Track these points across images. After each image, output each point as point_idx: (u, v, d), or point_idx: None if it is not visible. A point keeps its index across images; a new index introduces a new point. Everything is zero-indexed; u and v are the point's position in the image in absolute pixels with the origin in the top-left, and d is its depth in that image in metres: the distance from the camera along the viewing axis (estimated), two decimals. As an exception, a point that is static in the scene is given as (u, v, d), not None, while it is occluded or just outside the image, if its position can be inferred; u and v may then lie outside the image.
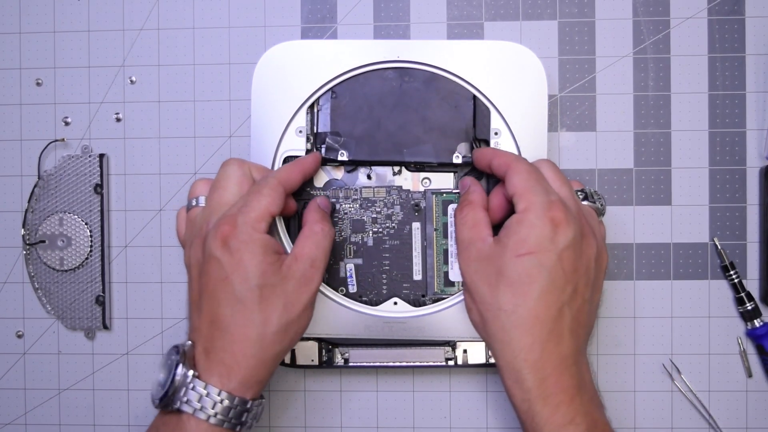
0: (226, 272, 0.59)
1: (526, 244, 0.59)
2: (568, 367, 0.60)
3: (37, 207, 0.75)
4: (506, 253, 0.60)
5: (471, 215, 0.65)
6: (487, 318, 0.62)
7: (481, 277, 0.62)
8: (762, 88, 0.74)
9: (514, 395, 0.61)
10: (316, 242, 0.64)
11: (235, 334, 0.60)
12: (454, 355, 0.71)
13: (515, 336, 0.60)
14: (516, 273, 0.59)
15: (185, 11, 0.76)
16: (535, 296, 0.59)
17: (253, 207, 0.61)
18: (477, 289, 0.63)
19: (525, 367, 0.59)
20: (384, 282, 0.71)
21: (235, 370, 0.60)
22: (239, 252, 0.59)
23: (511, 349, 0.60)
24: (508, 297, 0.60)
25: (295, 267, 0.62)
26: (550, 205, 0.60)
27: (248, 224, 0.60)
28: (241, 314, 0.60)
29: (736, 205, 0.74)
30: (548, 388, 0.59)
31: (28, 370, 0.77)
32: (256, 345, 0.60)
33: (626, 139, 0.74)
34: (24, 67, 0.77)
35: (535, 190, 0.61)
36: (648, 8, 0.74)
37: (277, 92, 0.69)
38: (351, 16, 0.75)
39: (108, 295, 0.76)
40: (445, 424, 0.75)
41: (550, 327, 0.59)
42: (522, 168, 0.63)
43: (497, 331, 0.61)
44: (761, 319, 0.73)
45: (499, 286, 0.60)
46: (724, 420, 0.74)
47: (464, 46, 0.69)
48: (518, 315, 0.60)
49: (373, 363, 0.72)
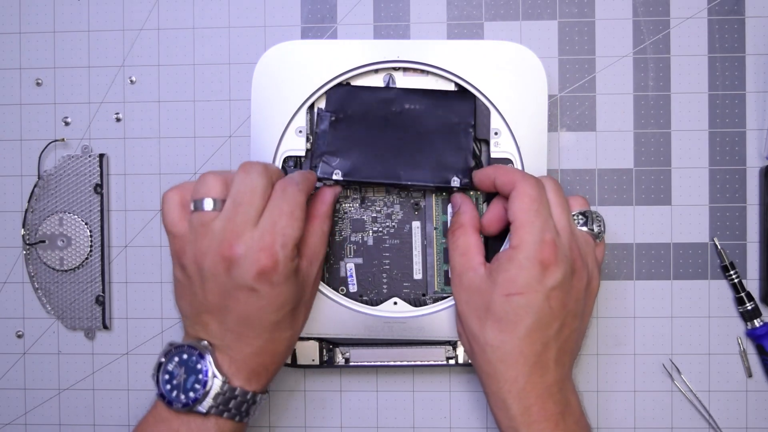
0: (265, 302, 0.60)
1: (515, 284, 0.60)
2: (552, 395, 0.62)
3: (37, 207, 0.75)
4: (495, 290, 0.61)
5: (462, 240, 0.66)
6: (475, 349, 0.64)
7: (470, 308, 0.64)
8: (762, 88, 0.74)
9: (501, 422, 0.63)
10: (323, 240, 0.65)
11: (267, 350, 0.62)
12: (455, 354, 0.71)
13: (500, 369, 0.61)
14: (503, 311, 0.61)
15: (185, 11, 0.76)
16: (521, 335, 0.61)
17: (289, 237, 0.59)
18: (466, 320, 0.64)
19: (509, 397, 0.61)
20: (384, 281, 0.71)
21: (263, 375, 0.63)
22: (280, 286, 0.59)
23: (495, 380, 0.62)
24: (495, 333, 0.61)
25: (310, 272, 0.64)
26: (542, 246, 0.60)
27: (288, 258, 0.59)
28: (275, 335, 0.62)
29: (736, 205, 0.74)
30: (532, 416, 0.61)
31: (28, 370, 0.77)
32: (282, 354, 0.64)
33: (626, 139, 0.74)
34: (24, 67, 0.77)
35: (531, 226, 0.61)
36: (648, 8, 0.74)
37: (277, 92, 0.69)
38: (351, 16, 0.75)
39: (108, 295, 0.76)
40: (445, 424, 0.75)
41: (533, 360, 0.61)
42: (526, 193, 0.62)
43: (483, 363, 0.63)
44: (761, 319, 0.73)
45: (487, 321, 0.62)
46: (724, 420, 0.74)
47: (464, 46, 0.69)
48: (503, 350, 0.61)
49: (374, 362, 0.72)
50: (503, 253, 0.62)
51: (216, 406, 0.60)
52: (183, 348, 0.61)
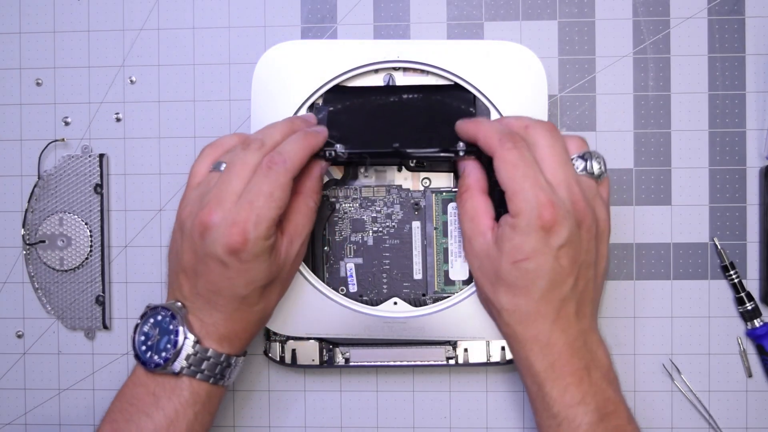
0: (232, 275, 0.60)
1: (521, 251, 0.59)
2: (576, 350, 0.61)
3: (37, 207, 0.75)
4: (503, 258, 0.60)
5: (469, 204, 0.64)
6: (492, 313, 0.64)
7: (482, 274, 0.63)
8: (762, 88, 0.74)
9: (525, 379, 0.62)
10: (308, 218, 0.65)
11: (237, 318, 0.63)
12: (455, 354, 0.71)
13: (519, 330, 0.61)
14: (513, 277, 0.60)
15: (185, 11, 0.76)
16: (536, 297, 0.60)
17: (263, 217, 0.58)
18: (480, 286, 0.64)
19: (531, 355, 0.61)
20: (384, 281, 0.71)
21: (234, 342, 0.64)
22: (249, 263, 0.59)
23: (516, 341, 0.61)
24: (509, 297, 0.61)
25: (292, 250, 0.63)
26: (540, 210, 0.58)
27: (259, 238, 0.58)
28: (244, 307, 0.62)
29: (736, 205, 0.74)
30: (556, 371, 0.60)
31: (28, 370, 0.77)
32: (254, 325, 0.65)
33: (626, 139, 0.74)
34: (24, 67, 0.77)
35: (523, 193, 0.58)
36: (648, 8, 0.74)
37: (277, 92, 0.69)
38: (351, 16, 0.75)
39: (108, 295, 0.76)
40: (445, 424, 0.75)
41: (553, 318, 0.60)
42: (506, 159, 0.59)
43: (502, 326, 0.63)
44: (761, 319, 0.73)
45: (499, 287, 0.61)
46: (724, 420, 0.74)
47: (464, 46, 0.69)
48: (520, 313, 0.60)
49: (374, 363, 0.72)
50: (505, 219, 0.60)
51: (188, 366, 0.61)
52: (157, 309, 0.62)
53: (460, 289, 0.70)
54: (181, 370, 0.61)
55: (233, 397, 0.76)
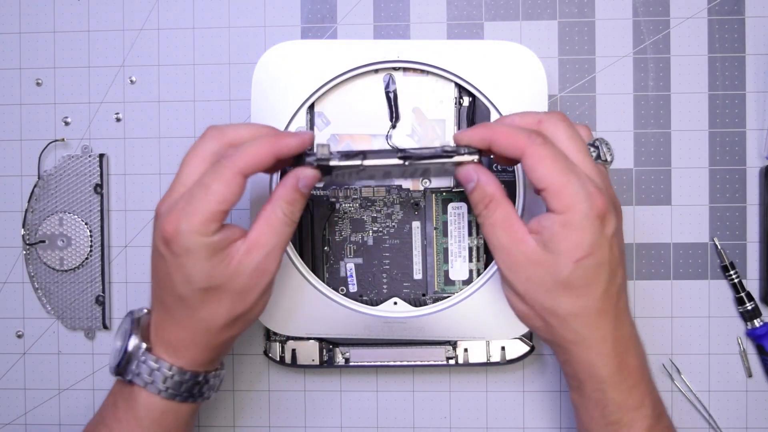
0: (169, 270, 0.57)
1: (582, 248, 0.55)
2: (632, 347, 0.59)
3: (37, 207, 0.75)
4: (561, 259, 0.55)
5: (500, 213, 0.58)
6: (553, 323, 0.58)
7: (535, 284, 0.58)
8: (762, 88, 0.74)
9: (586, 387, 0.60)
10: (275, 228, 0.58)
11: (181, 324, 0.59)
12: (455, 354, 0.71)
13: (587, 335, 0.58)
14: (575, 278, 0.56)
15: (185, 11, 0.76)
16: (598, 295, 0.57)
17: (198, 209, 0.55)
18: (534, 297, 0.58)
19: (599, 360, 0.58)
20: (384, 281, 0.71)
21: (182, 352, 0.60)
22: (180, 257, 0.56)
23: (584, 347, 0.58)
24: (572, 301, 0.57)
25: (248, 261, 0.57)
26: (592, 201, 0.55)
27: (191, 231, 0.55)
28: (186, 310, 0.58)
29: (736, 205, 0.74)
30: (622, 373, 0.58)
31: (28, 370, 0.77)
32: (201, 335, 0.60)
33: (626, 139, 0.74)
34: (24, 67, 0.77)
35: (570, 186, 0.55)
36: (648, 8, 0.74)
37: (277, 92, 0.69)
38: (351, 16, 0.75)
39: (108, 295, 0.76)
40: (445, 424, 0.75)
41: (613, 314, 0.58)
42: (543, 156, 0.56)
43: (566, 333, 0.58)
44: (761, 319, 0.73)
45: (559, 293, 0.57)
46: (724, 420, 0.74)
47: (464, 46, 0.69)
48: (586, 316, 0.57)
49: (374, 363, 0.72)
50: (550, 218, 0.56)
51: (138, 374, 0.59)
52: (129, 313, 0.62)
53: (460, 289, 0.70)
54: (133, 378, 0.59)
55: (233, 397, 0.76)
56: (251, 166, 0.56)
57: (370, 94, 0.70)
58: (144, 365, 0.59)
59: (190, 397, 0.61)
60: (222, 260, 0.56)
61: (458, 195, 0.71)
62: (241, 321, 0.60)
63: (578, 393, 0.61)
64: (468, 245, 0.71)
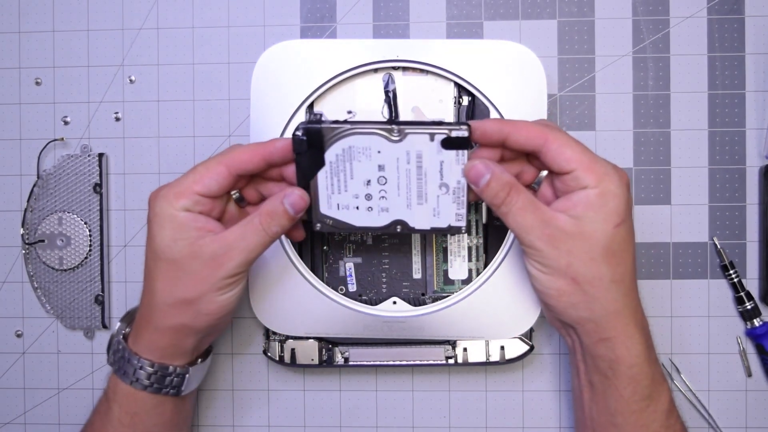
0: (147, 234, 0.63)
1: (619, 214, 0.59)
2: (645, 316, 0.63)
3: (37, 206, 0.75)
4: (601, 227, 0.59)
5: (524, 197, 0.60)
6: (597, 294, 0.60)
7: (577, 255, 0.59)
8: (762, 88, 0.74)
9: (620, 366, 0.61)
10: (246, 233, 0.61)
11: (142, 301, 0.65)
12: (454, 354, 0.71)
13: (627, 303, 0.61)
14: (617, 243, 0.59)
15: (185, 11, 0.76)
16: (631, 261, 0.61)
17: (179, 182, 0.61)
18: (577, 269, 0.59)
19: (637, 333, 0.61)
20: (384, 280, 0.71)
21: (141, 335, 0.64)
22: (151, 222, 0.61)
23: (624, 315, 0.61)
24: (614, 267, 0.60)
25: (208, 247, 0.60)
26: (619, 171, 0.60)
27: (166, 198, 0.61)
28: (146, 282, 0.64)
29: (736, 205, 0.74)
30: (651, 347, 0.62)
31: (27, 369, 0.77)
32: (153, 313, 0.63)
33: (626, 139, 0.74)
34: (23, 66, 0.77)
35: (598, 161, 0.60)
36: (647, 7, 0.74)
37: (277, 91, 0.69)
38: (350, 15, 0.75)
39: (107, 294, 0.76)
40: (445, 424, 0.75)
41: (633, 286, 0.62)
42: (565, 139, 0.60)
43: (608, 303, 0.60)
44: (761, 319, 0.73)
45: (602, 260, 0.59)
46: (724, 420, 0.74)
47: (464, 45, 0.69)
48: (625, 281, 0.61)
49: (374, 362, 0.72)
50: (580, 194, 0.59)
51: (115, 362, 0.65)
52: None
53: (460, 288, 0.70)
54: (109, 357, 0.66)
55: (232, 397, 0.76)
56: (237, 162, 0.61)
57: (370, 93, 0.70)
58: (117, 350, 0.65)
59: (148, 387, 0.64)
60: (185, 238, 0.61)
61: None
62: (191, 310, 0.62)
63: (605, 376, 0.62)
64: (467, 245, 0.71)
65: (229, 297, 0.63)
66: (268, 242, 0.61)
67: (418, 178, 0.61)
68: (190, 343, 0.65)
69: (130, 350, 0.64)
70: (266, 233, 0.61)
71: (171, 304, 0.62)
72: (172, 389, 0.65)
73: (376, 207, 0.62)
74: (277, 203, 0.61)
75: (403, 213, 0.62)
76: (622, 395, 0.61)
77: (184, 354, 0.65)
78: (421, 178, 0.61)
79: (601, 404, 0.63)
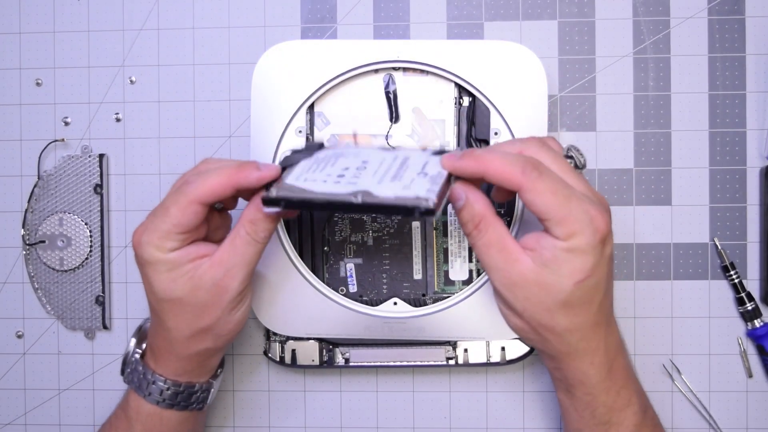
0: (143, 279, 0.61)
1: (583, 270, 0.55)
2: (621, 351, 0.62)
3: (37, 207, 0.75)
4: (562, 281, 0.55)
5: (491, 231, 0.57)
6: (549, 338, 0.59)
7: (533, 303, 0.57)
8: (762, 88, 0.74)
9: (576, 391, 0.61)
10: (237, 248, 0.59)
11: (157, 332, 0.63)
12: (454, 354, 0.71)
13: (581, 347, 0.59)
14: (576, 297, 0.56)
15: (185, 11, 0.76)
16: (594, 310, 0.57)
17: (156, 227, 0.59)
18: (532, 315, 0.57)
19: (591, 369, 0.59)
20: (384, 281, 0.71)
21: (161, 360, 0.64)
22: (144, 267, 0.60)
23: (576, 357, 0.59)
24: (571, 318, 0.57)
25: (208, 275, 0.59)
26: (595, 224, 0.55)
27: (150, 244, 0.59)
28: (156, 318, 0.63)
29: (736, 205, 0.74)
30: (612, 377, 0.61)
31: (28, 370, 0.77)
32: (172, 344, 0.63)
33: (626, 139, 0.74)
34: (24, 67, 0.77)
35: (573, 214, 0.54)
36: (648, 8, 0.74)
37: (277, 92, 0.69)
38: (351, 16, 0.75)
39: (108, 295, 0.76)
40: (445, 425, 0.75)
41: (605, 323, 0.60)
42: (539, 187, 0.54)
43: (561, 346, 0.59)
44: (761, 320, 0.73)
45: (558, 311, 0.57)
46: (724, 420, 0.74)
47: (464, 45, 0.69)
48: (582, 330, 0.58)
49: (374, 363, 0.72)
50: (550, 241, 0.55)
51: (135, 381, 0.65)
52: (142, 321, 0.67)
53: (460, 289, 0.70)
54: (128, 382, 0.65)
55: (233, 397, 0.76)
56: (208, 194, 0.58)
57: (370, 93, 0.70)
58: (135, 371, 0.65)
59: (174, 405, 0.64)
60: (183, 275, 0.59)
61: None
62: (210, 335, 0.62)
63: (567, 395, 0.63)
64: (468, 245, 0.71)
65: (243, 312, 0.63)
66: (261, 249, 0.60)
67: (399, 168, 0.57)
68: (215, 361, 0.66)
69: (153, 372, 0.64)
70: (256, 241, 0.59)
71: (188, 336, 0.62)
72: (198, 404, 0.66)
73: (344, 181, 0.56)
74: (258, 210, 0.58)
75: (369, 185, 0.55)
76: (582, 416, 0.62)
77: (209, 371, 0.66)
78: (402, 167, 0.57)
79: (568, 419, 0.64)
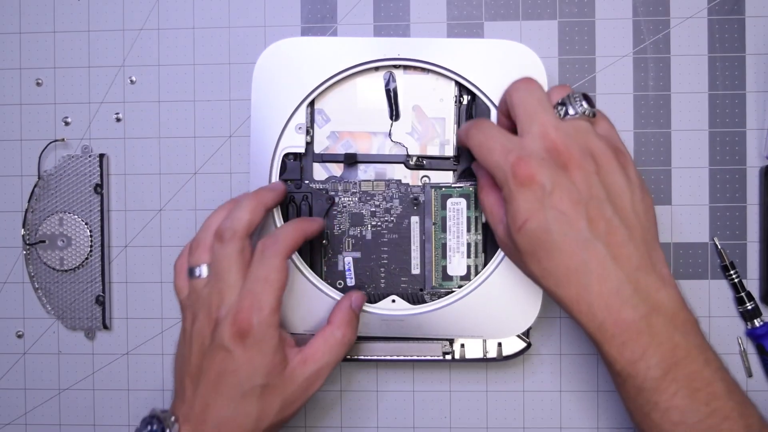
0: (236, 366, 0.61)
1: (519, 216, 0.58)
2: (625, 301, 0.57)
3: (37, 207, 0.75)
4: (510, 233, 0.59)
5: (484, 200, 0.64)
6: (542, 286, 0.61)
7: (514, 258, 0.63)
8: (762, 88, 0.74)
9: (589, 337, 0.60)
10: (332, 348, 0.64)
11: (229, 423, 0.62)
12: (451, 350, 0.71)
13: (563, 294, 0.58)
14: (526, 244, 0.58)
15: (185, 11, 0.76)
16: (556, 254, 0.57)
17: (265, 302, 0.61)
18: (521, 268, 0.63)
19: (581, 317, 0.58)
20: (382, 276, 0.71)
21: None
22: (252, 350, 0.60)
23: (565, 305, 0.59)
24: (536, 265, 0.59)
25: (300, 371, 0.63)
26: (513, 169, 0.57)
27: (264, 323, 0.60)
28: (241, 408, 0.61)
29: (736, 205, 0.74)
30: (608, 330, 0.57)
31: (28, 370, 0.77)
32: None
33: (626, 139, 0.74)
34: (24, 67, 0.77)
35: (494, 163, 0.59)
36: (648, 8, 0.74)
37: (278, 89, 0.69)
38: (351, 15, 0.75)
39: (108, 295, 0.76)
40: (446, 424, 0.75)
41: (584, 270, 0.57)
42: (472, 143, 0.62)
43: (551, 294, 0.60)
44: (761, 319, 0.73)
45: (526, 261, 0.59)
46: (725, 420, 0.74)
47: (465, 44, 0.69)
48: (553, 275, 0.58)
49: (372, 357, 0.71)
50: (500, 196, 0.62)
51: None
52: (151, 419, 0.62)
53: (458, 284, 0.70)
54: None
55: (233, 397, 0.76)
56: (291, 248, 0.63)
57: (371, 91, 0.71)
58: None
59: None
60: (281, 361, 0.62)
61: (458, 190, 0.71)
62: (286, 419, 0.64)
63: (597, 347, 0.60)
64: (467, 241, 0.71)
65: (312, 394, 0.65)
66: (349, 349, 0.66)
67: None
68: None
69: None
70: (348, 345, 0.65)
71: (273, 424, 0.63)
72: None
73: None
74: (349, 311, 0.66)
75: None
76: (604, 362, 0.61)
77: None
78: None
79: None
